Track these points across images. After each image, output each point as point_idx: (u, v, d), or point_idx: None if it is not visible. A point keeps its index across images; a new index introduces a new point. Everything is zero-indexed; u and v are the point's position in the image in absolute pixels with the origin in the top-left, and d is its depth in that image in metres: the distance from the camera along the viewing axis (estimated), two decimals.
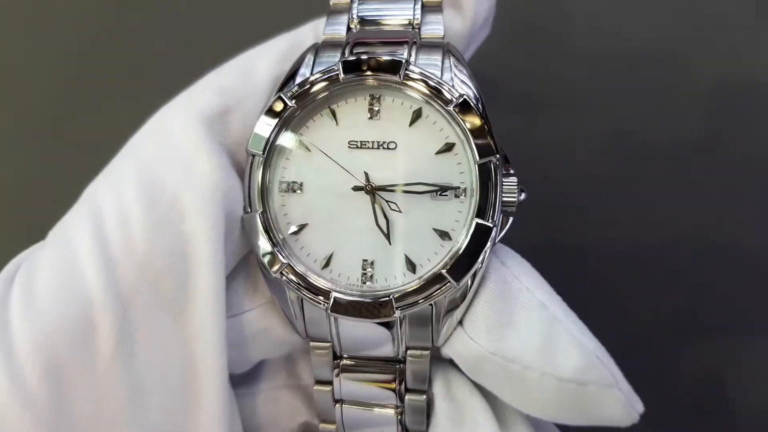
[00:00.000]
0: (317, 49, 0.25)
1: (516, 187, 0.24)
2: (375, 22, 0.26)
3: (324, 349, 0.25)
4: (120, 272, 0.22)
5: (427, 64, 0.25)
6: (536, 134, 0.37)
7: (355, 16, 0.26)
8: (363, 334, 0.25)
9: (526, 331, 0.23)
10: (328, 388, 0.26)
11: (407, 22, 0.26)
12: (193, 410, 0.23)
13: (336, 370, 0.26)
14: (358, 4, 0.26)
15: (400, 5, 0.26)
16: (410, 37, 0.25)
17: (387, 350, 0.25)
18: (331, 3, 0.27)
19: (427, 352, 0.25)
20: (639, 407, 0.22)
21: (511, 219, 0.24)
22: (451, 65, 0.25)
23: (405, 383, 0.25)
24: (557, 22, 0.36)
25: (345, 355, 0.26)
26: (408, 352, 0.25)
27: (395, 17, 0.26)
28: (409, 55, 0.25)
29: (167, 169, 0.23)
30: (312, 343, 0.26)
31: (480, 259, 0.23)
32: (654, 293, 0.33)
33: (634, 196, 0.35)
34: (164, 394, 0.23)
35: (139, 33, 0.42)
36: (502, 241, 0.24)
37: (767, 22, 0.35)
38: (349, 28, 0.26)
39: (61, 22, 0.43)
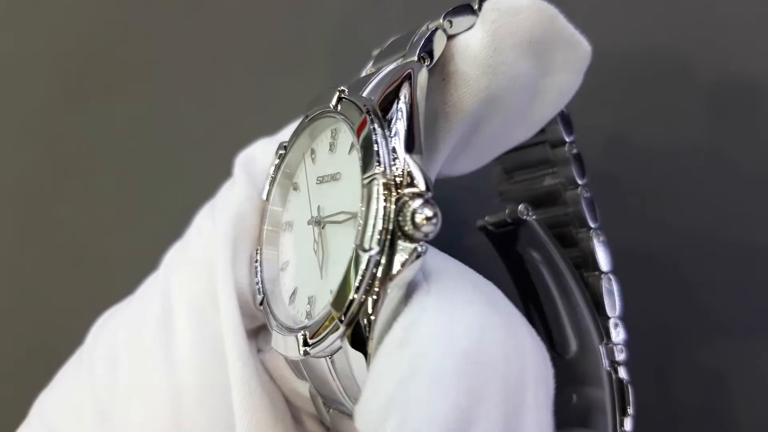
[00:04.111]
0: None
1: (413, 210, 0.18)
2: None
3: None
4: None
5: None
6: None
7: None
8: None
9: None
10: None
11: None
12: None
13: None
14: None
15: None
16: None
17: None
18: None
19: None
20: None
21: (419, 249, 0.18)
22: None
23: None
24: None
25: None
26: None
27: None
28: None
29: None
30: None
31: (350, 296, 0.18)
32: (653, 293, 0.33)
33: (634, 195, 0.35)
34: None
35: (138, 32, 0.42)
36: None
37: (767, 22, 0.35)
38: None
39: (58, 20, 0.43)
